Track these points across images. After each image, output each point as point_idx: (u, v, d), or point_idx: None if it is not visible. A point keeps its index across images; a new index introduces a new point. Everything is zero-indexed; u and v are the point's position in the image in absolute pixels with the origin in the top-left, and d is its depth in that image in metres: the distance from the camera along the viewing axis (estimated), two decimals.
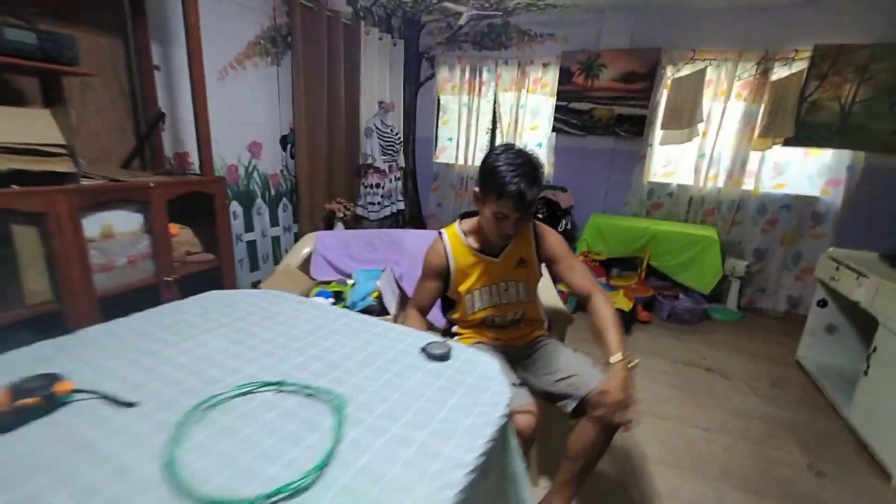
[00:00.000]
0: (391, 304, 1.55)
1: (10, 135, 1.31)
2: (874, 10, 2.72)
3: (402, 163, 3.77)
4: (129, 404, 0.70)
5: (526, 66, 3.86)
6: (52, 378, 0.69)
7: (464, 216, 1.36)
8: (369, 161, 3.49)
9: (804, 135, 2.98)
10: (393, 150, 3.62)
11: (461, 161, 4.34)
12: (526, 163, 1.11)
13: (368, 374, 0.84)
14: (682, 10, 3.15)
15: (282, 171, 3.16)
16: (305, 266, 1.88)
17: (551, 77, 3.78)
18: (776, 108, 3.02)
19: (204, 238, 2.03)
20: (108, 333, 0.94)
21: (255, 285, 2.92)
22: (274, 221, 3.16)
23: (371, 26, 3.63)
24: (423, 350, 0.93)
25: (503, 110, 4.09)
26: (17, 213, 1.34)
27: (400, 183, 3.83)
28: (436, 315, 1.46)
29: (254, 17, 2.70)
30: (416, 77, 4.36)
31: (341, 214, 3.32)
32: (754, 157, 3.19)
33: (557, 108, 3.75)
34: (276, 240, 3.19)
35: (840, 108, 2.88)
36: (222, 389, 0.75)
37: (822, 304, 2.39)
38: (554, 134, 3.85)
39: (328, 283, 1.76)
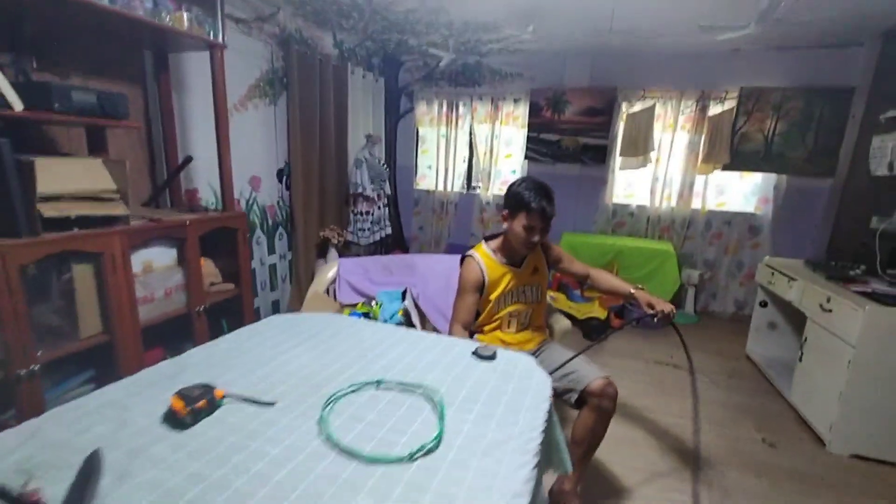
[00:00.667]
0: (417, 321, 1.78)
1: (73, 183, 1.46)
2: (783, 60, 3.31)
3: (388, 190, 4.01)
4: (270, 403, 0.90)
5: (498, 101, 4.25)
6: (209, 387, 0.88)
7: (487, 239, 1.65)
8: (359, 190, 3.71)
9: (738, 161, 3.51)
10: (381, 179, 3.86)
11: (440, 187, 4.64)
12: (544, 187, 1.49)
13: (437, 374, 1.07)
14: (632, 55, 3.65)
15: (278, 202, 3.32)
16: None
17: (522, 111, 4.18)
18: (714, 139, 3.54)
19: (224, 269, 2.18)
20: (209, 355, 1.11)
21: (273, 309, 3.03)
22: (271, 250, 3.30)
23: (355, 65, 3.90)
24: (475, 353, 1.17)
25: (478, 140, 4.45)
26: (78, 254, 1.47)
27: (387, 209, 4.05)
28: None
29: (254, 62, 2.91)
30: (397, 110, 4.66)
31: (335, 241, 3.50)
32: (699, 180, 3.69)
33: (529, 139, 4.15)
34: (272, 267, 3.32)
35: (764, 139, 3.43)
36: (335, 389, 0.96)
37: (763, 304, 2.82)
38: (526, 162, 4.23)
39: (354, 305, 1.96)
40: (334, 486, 0.68)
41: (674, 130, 3.69)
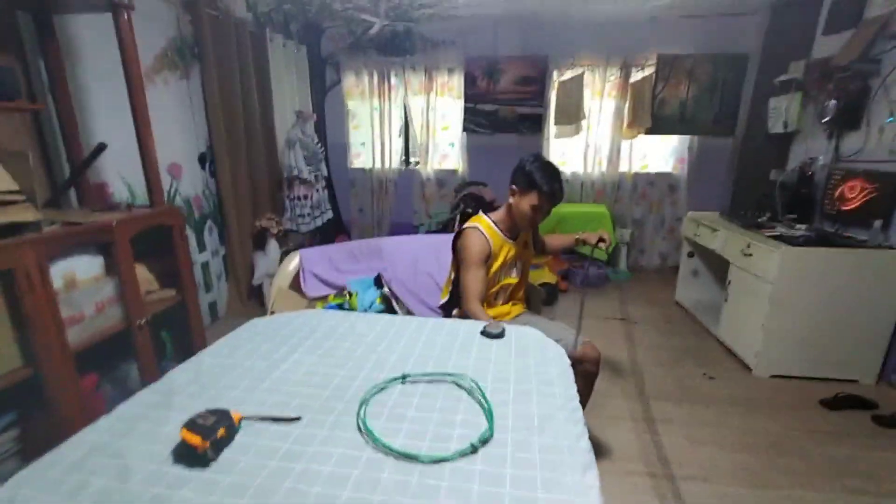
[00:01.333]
0: (397, 306, 1.71)
1: None
2: (692, 28, 3.60)
3: (325, 171, 3.76)
4: (296, 418, 0.81)
5: (432, 71, 4.12)
6: (223, 411, 0.76)
7: (485, 211, 1.65)
8: (295, 173, 3.43)
9: (658, 125, 3.81)
10: (316, 160, 3.60)
11: (378, 165, 4.46)
12: (556, 170, 1.50)
13: (456, 359, 1.04)
14: (560, 23, 3.73)
15: (203, 191, 2.96)
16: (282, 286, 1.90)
17: (457, 81, 4.11)
18: (637, 105, 3.79)
19: (159, 274, 1.90)
20: (195, 375, 0.97)
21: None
22: (201, 247, 2.95)
23: (273, 32, 3.52)
24: (483, 332, 1.16)
25: (414, 113, 4.32)
26: None
27: (326, 192, 3.81)
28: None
29: (158, 27, 2.50)
30: (322, 83, 4.33)
31: (275, 230, 3.23)
32: (626, 144, 3.96)
33: (466, 110, 4.12)
34: (204, 266, 2.99)
35: (679, 104, 3.75)
36: (357, 392, 0.89)
37: (691, 254, 3.16)
38: (465, 133, 4.21)
39: (324, 297, 1.83)
40: (408, 495, 0.63)
41: (601, 98, 3.88)
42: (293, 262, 1.88)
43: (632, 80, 3.79)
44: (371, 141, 4.42)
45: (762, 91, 3.33)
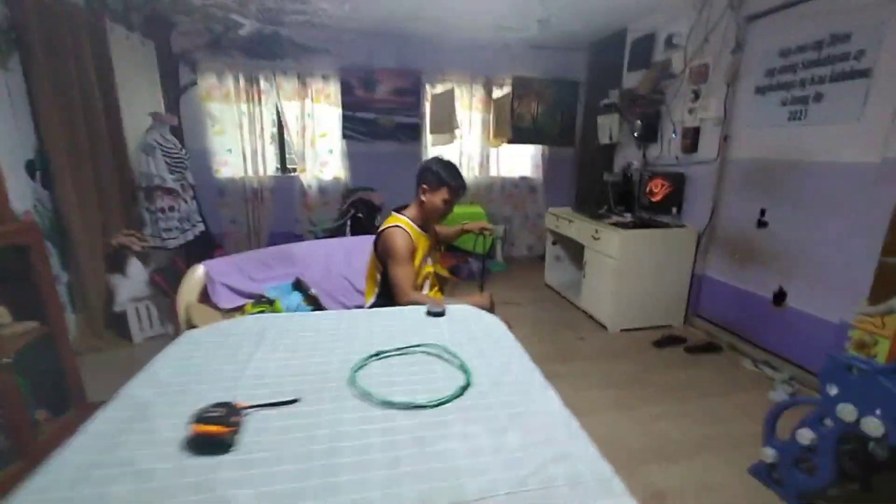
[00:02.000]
0: (330, 303, 1.73)
1: None
2: (539, 57, 4.32)
3: (191, 180, 3.39)
4: (295, 400, 0.86)
5: (307, 78, 4.06)
6: (227, 403, 0.78)
7: (397, 210, 1.76)
8: (156, 182, 3.03)
9: (517, 136, 4.43)
10: (182, 167, 3.24)
11: (251, 172, 4.19)
12: (457, 168, 1.72)
13: (413, 337, 1.18)
14: (431, 42, 4.07)
15: (34, 206, 2.43)
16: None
17: (333, 88, 4.13)
18: (499, 118, 4.36)
19: (13, 304, 1.57)
20: (156, 385, 0.92)
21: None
22: None
23: (112, 22, 3.07)
24: (428, 313, 1.32)
25: (288, 119, 4.18)
26: None
27: (195, 202, 3.44)
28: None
29: None
30: (175, 84, 3.89)
31: (137, 248, 2.82)
32: (493, 152, 4.50)
33: (345, 118, 4.16)
34: None
35: (531, 118, 4.44)
36: (338, 374, 0.97)
37: (554, 243, 3.79)
38: (345, 141, 4.24)
39: (239, 308, 1.73)
40: (426, 431, 0.77)
41: (470, 110, 4.35)
42: (195, 275, 1.74)
43: (494, 96, 4.35)
44: (241, 147, 4.13)
45: (591, 110, 4.18)
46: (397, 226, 1.67)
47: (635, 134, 3.37)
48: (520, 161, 4.69)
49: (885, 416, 1.26)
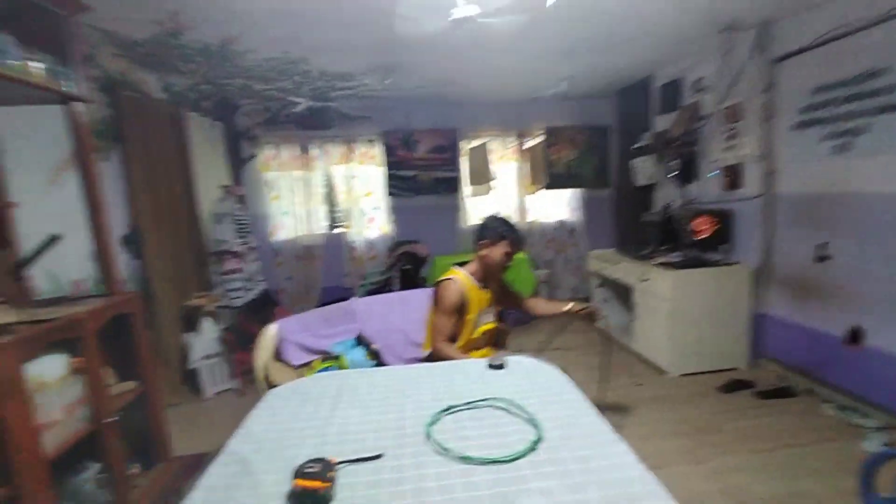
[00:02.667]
0: (389, 358, 1.82)
1: None
2: (569, 107, 4.51)
3: (254, 243, 3.70)
4: (379, 456, 0.93)
5: (352, 143, 4.43)
6: (322, 459, 0.86)
7: (460, 264, 1.87)
8: (225, 247, 3.34)
9: (552, 181, 4.55)
10: (246, 231, 3.56)
11: (303, 232, 4.50)
12: (512, 222, 1.83)
13: (478, 389, 1.24)
14: (464, 102, 4.37)
15: (126, 275, 2.74)
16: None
17: (377, 150, 4.46)
18: (534, 166, 4.51)
19: (115, 366, 1.76)
20: (258, 444, 1.02)
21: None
22: None
23: (187, 110, 3.54)
24: (490, 366, 1.38)
25: (336, 181, 4.52)
26: None
27: (259, 263, 3.73)
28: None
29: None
30: (238, 157, 4.34)
31: (211, 308, 3.07)
32: (530, 198, 4.62)
33: (388, 176, 4.45)
34: None
35: (566, 164, 4.57)
36: (411, 429, 1.04)
37: (601, 285, 3.76)
38: (389, 197, 4.51)
39: (307, 364, 1.85)
40: (504, 486, 0.81)
41: (505, 161, 4.54)
42: (269, 334, 1.89)
43: (526, 146, 4.53)
44: (294, 209, 4.48)
45: (624, 153, 4.26)
46: (453, 279, 1.76)
47: (672, 174, 3.39)
48: (557, 206, 4.77)
49: None
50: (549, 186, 4.54)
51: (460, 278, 1.79)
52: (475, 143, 4.48)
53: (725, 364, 2.90)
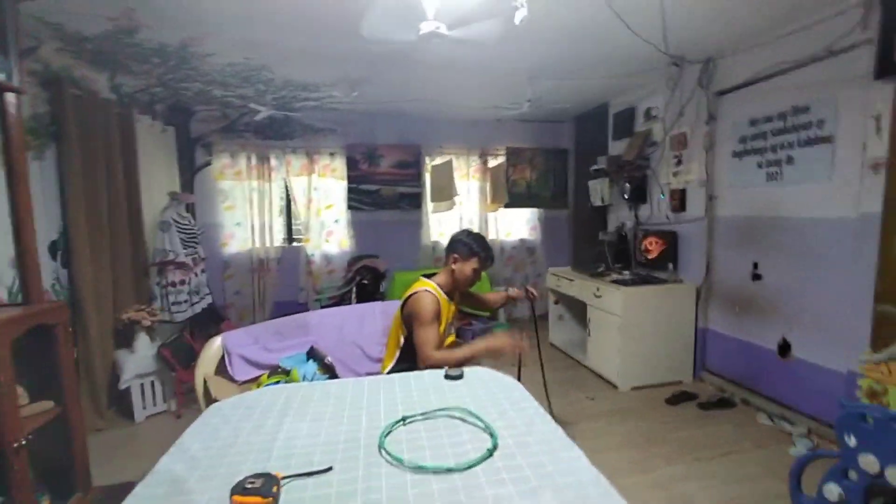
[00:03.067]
0: (343, 372, 1.74)
1: None
2: (529, 129, 4.68)
3: (203, 254, 3.50)
4: (328, 469, 0.88)
5: (314, 155, 4.35)
6: (267, 474, 0.80)
7: (427, 276, 1.84)
8: (170, 257, 3.14)
9: (513, 200, 4.66)
10: (194, 242, 3.37)
11: (258, 244, 4.33)
12: (486, 240, 1.85)
13: (435, 400, 1.21)
14: (429, 119, 4.43)
15: (53, 285, 2.51)
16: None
17: (339, 164, 4.41)
18: (495, 185, 4.61)
19: (30, 383, 1.58)
20: (193, 461, 0.94)
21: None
22: None
23: (138, 112, 3.36)
24: (446, 376, 1.36)
25: (296, 193, 4.41)
26: None
27: (206, 276, 3.53)
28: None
29: None
30: (191, 164, 4.15)
31: (148, 323, 2.85)
32: (491, 216, 4.70)
33: (350, 190, 4.40)
34: None
35: (526, 184, 4.70)
36: (365, 441, 0.99)
37: (556, 302, 3.84)
38: (349, 211, 4.44)
39: (254, 379, 1.74)
40: (462, 496, 0.79)
41: (468, 179, 4.61)
42: (212, 347, 1.77)
43: (489, 165, 4.64)
44: (249, 220, 4.31)
45: (580, 175, 4.45)
46: (427, 290, 1.74)
47: (625, 196, 3.57)
48: (517, 224, 4.88)
49: None
50: (510, 205, 4.65)
51: (432, 289, 1.77)
52: (439, 159, 4.53)
53: (672, 377, 3.02)
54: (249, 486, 0.76)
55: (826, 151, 2.20)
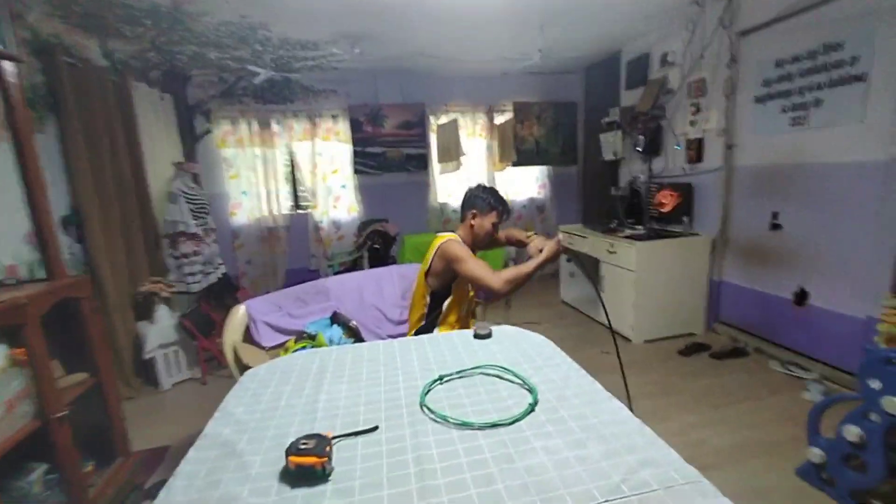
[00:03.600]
0: (366, 335, 1.77)
1: None
2: (536, 82, 4.49)
3: (212, 224, 3.48)
4: (374, 428, 0.89)
5: (316, 118, 4.23)
6: (318, 435, 0.81)
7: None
8: (181, 228, 3.12)
9: (521, 158, 4.55)
10: (204, 213, 3.34)
11: (265, 212, 4.30)
12: (499, 193, 1.81)
13: (468, 358, 1.22)
14: (433, 76, 4.26)
15: (67, 261, 2.51)
16: None
17: (342, 126, 4.29)
18: (503, 143, 4.49)
19: (63, 356, 1.61)
20: (240, 425, 0.96)
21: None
22: None
23: (133, 80, 3.23)
24: (476, 336, 1.36)
25: (300, 158, 4.32)
26: None
27: (218, 246, 3.52)
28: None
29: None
30: (192, 132, 4.04)
31: (166, 294, 2.87)
32: (499, 176, 4.62)
33: (355, 153, 4.30)
34: None
35: (534, 140, 4.58)
36: (405, 400, 1.01)
37: (569, 260, 3.82)
38: (356, 175, 4.37)
39: (281, 345, 1.77)
40: (510, 448, 0.81)
41: (475, 137, 4.49)
42: (237, 314, 1.78)
43: (496, 122, 4.50)
44: (255, 189, 4.25)
45: (590, 129, 4.32)
46: (452, 240, 1.74)
47: (639, 149, 3.47)
48: (526, 183, 4.80)
49: None
50: (518, 163, 4.55)
51: (456, 239, 1.77)
52: (444, 118, 4.39)
53: (685, 329, 3.06)
54: (303, 446, 0.78)
55: (859, 90, 2.10)
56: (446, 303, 1.82)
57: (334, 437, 0.85)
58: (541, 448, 0.80)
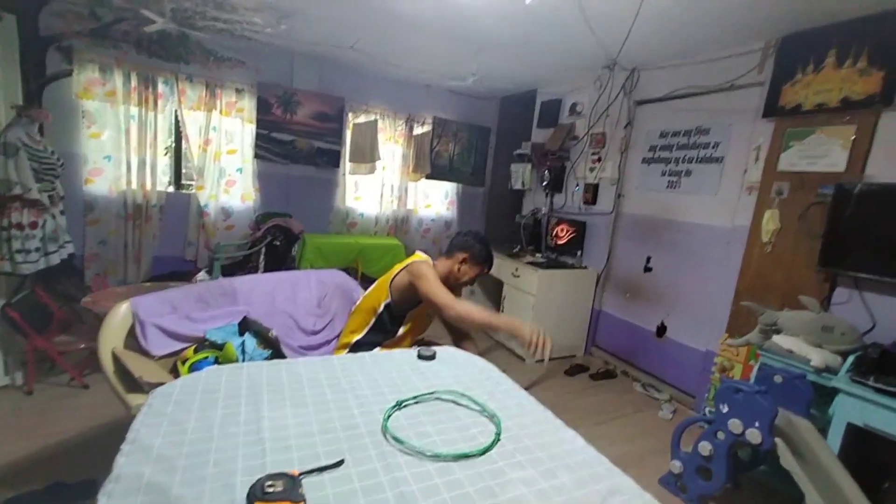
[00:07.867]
0: (292, 343, 1.57)
1: None
2: (456, 101, 4.64)
3: (61, 191, 2.77)
4: (340, 462, 0.81)
5: (216, 88, 3.71)
6: (283, 474, 0.70)
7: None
8: (17, 191, 2.42)
9: (435, 172, 4.64)
10: (52, 175, 2.65)
11: (135, 185, 3.61)
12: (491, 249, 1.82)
13: (418, 381, 1.19)
14: (358, 72, 4.10)
15: None
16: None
17: (247, 104, 3.84)
18: (419, 153, 4.52)
19: None
20: (160, 461, 0.78)
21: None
22: None
23: None
24: (420, 357, 1.34)
25: (189, 130, 3.74)
26: None
27: (65, 218, 2.82)
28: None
29: None
30: (41, 71, 3.22)
31: None
32: (412, 186, 4.62)
33: (259, 136, 3.89)
34: None
35: (448, 157, 4.71)
36: (363, 428, 0.94)
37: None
38: (256, 160, 3.94)
39: (175, 353, 1.46)
40: (488, 479, 0.80)
41: (393, 143, 4.44)
42: (118, 315, 1.44)
43: (415, 132, 4.51)
44: (125, 156, 3.54)
45: (500, 155, 4.62)
46: (427, 262, 1.73)
47: (543, 183, 3.82)
48: (436, 196, 4.88)
49: (761, 427, 1.66)
50: (431, 176, 4.62)
51: (431, 265, 1.74)
52: (364, 118, 4.25)
53: (569, 352, 3.43)
54: (270, 489, 0.66)
55: (717, 170, 2.64)
56: (401, 330, 1.77)
57: (301, 474, 0.74)
58: (518, 479, 0.82)
